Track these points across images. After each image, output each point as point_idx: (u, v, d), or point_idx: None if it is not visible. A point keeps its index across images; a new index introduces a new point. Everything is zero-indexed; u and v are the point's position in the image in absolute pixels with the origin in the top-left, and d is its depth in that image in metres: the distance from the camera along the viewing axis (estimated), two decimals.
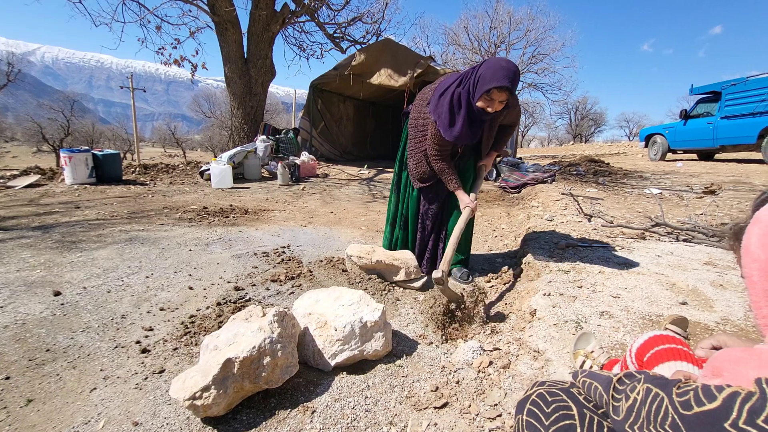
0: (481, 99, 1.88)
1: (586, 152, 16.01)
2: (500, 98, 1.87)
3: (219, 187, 5.81)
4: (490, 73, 1.82)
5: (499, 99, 1.87)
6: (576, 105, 37.47)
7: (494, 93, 1.84)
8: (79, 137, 21.89)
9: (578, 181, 6.01)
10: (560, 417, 0.66)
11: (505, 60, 1.86)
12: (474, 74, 1.91)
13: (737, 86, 8.24)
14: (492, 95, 1.85)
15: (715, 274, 2.14)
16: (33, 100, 25.37)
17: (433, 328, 1.84)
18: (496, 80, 1.78)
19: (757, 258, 0.59)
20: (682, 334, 1.41)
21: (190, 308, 1.95)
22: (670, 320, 1.50)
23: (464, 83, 1.96)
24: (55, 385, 1.38)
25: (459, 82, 1.99)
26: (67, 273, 2.30)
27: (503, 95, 1.86)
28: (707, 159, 9.93)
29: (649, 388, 0.56)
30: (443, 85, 2.09)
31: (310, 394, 1.35)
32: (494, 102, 1.88)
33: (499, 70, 1.80)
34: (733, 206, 3.96)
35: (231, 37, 7.98)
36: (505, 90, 1.82)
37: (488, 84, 1.80)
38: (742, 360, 0.55)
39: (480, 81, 1.85)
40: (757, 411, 0.43)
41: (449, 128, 2.01)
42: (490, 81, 1.80)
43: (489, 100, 1.88)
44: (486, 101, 1.88)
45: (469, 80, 1.93)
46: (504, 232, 3.82)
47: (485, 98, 1.87)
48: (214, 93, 35.26)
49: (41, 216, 3.65)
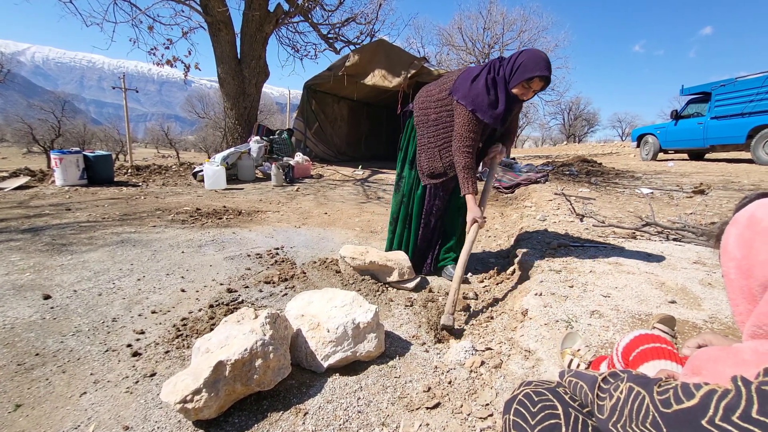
0: (519, 86, 1.93)
1: (579, 152, 16.14)
2: (537, 87, 1.94)
3: (212, 188, 5.78)
4: (533, 62, 1.87)
5: (535, 88, 1.94)
6: (569, 105, 37.79)
7: (534, 82, 1.91)
8: (71, 138, 21.64)
9: (571, 181, 6.06)
10: (546, 416, 0.67)
11: (543, 52, 1.92)
12: (511, 62, 1.95)
13: (726, 87, 8.36)
14: (532, 84, 1.92)
15: (703, 272, 2.17)
16: (23, 101, 25.04)
17: (426, 328, 1.85)
18: (539, 69, 1.85)
19: (734, 257, 0.60)
20: (669, 333, 1.43)
21: (182, 311, 1.94)
22: (658, 319, 1.52)
23: (496, 70, 2.00)
24: (45, 389, 1.36)
25: (489, 70, 2.02)
26: (58, 276, 2.28)
27: (540, 84, 1.93)
28: (698, 159, 10.06)
29: (631, 387, 0.57)
30: (469, 74, 2.09)
31: (302, 395, 1.35)
32: (530, 91, 1.95)
33: (541, 61, 1.87)
34: (722, 206, 4.02)
35: (224, 38, 7.95)
36: (545, 79, 1.90)
37: (531, 72, 1.86)
38: (720, 359, 0.57)
39: (520, 68, 1.90)
40: (732, 408, 0.44)
41: (490, 109, 2.01)
42: (533, 69, 1.86)
43: (526, 88, 1.94)
44: (523, 89, 1.94)
45: (504, 68, 1.97)
46: (497, 232, 3.84)
47: (524, 85, 1.93)
48: (207, 93, 35.07)
49: (31, 218, 3.61)
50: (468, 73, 2.11)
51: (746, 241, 0.59)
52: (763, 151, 7.64)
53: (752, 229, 0.58)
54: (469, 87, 2.05)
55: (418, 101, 2.39)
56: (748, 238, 0.58)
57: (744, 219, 0.60)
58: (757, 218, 0.58)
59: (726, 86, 8.36)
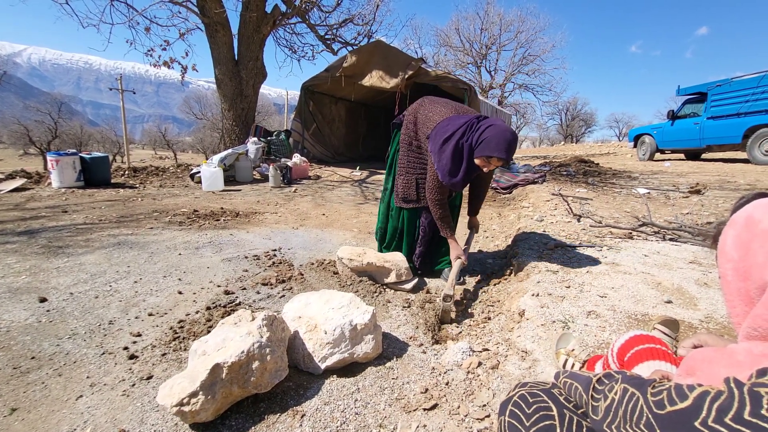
0: (480, 158, 2.05)
1: (576, 152, 16.19)
2: (496, 164, 2.07)
3: (210, 189, 5.77)
4: (495, 142, 1.98)
5: (495, 165, 2.07)
6: (566, 106, 37.90)
7: (494, 160, 2.03)
8: (67, 140, 21.52)
9: (568, 182, 6.08)
10: (541, 418, 0.68)
11: (510, 131, 2.02)
12: (479, 132, 2.04)
13: (722, 87, 8.40)
14: (491, 161, 2.04)
15: (699, 272, 2.18)
16: (19, 102, 24.89)
17: (424, 330, 1.85)
18: (498, 151, 1.97)
19: (731, 258, 0.60)
20: (670, 335, 1.42)
21: (179, 313, 1.93)
22: (660, 320, 1.51)
23: (467, 135, 2.09)
24: (41, 393, 1.36)
25: (463, 133, 2.10)
26: (54, 279, 2.27)
27: (500, 163, 2.06)
28: (694, 159, 10.11)
29: (625, 388, 0.57)
30: (447, 130, 2.14)
31: (299, 397, 1.35)
32: (490, 165, 2.08)
33: (503, 142, 1.97)
34: (718, 205, 4.04)
35: (221, 39, 7.94)
36: (503, 160, 2.03)
37: (491, 152, 1.98)
38: (714, 360, 0.57)
39: (484, 144, 2.00)
40: (725, 410, 0.44)
41: (449, 176, 2.14)
42: (493, 150, 1.98)
43: (487, 162, 2.06)
44: (483, 162, 2.06)
45: (473, 135, 2.07)
46: (495, 232, 3.84)
47: (484, 159, 2.04)
48: (205, 94, 34.95)
49: (27, 221, 3.60)
50: (446, 128, 2.15)
51: (744, 243, 0.59)
52: (759, 150, 7.68)
53: (750, 230, 0.58)
54: (440, 148, 2.14)
55: (407, 119, 2.40)
56: (746, 240, 0.58)
57: (741, 220, 0.60)
58: (755, 219, 0.58)
59: (722, 86, 8.41)
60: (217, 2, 7.61)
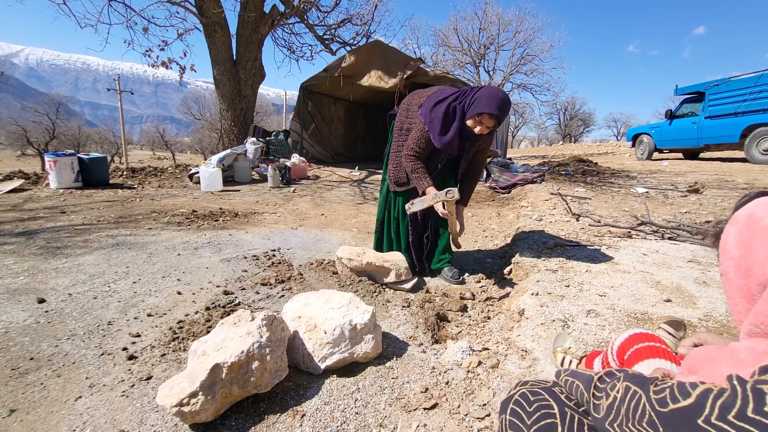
0: (471, 118, 2.02)
1: (575, 152, 16.21)
2: (488, 123, 2.03)
3: (208, 190, 5.76)
4: (485, 99, 1.96)
5: (487, 124, 2.03)
6: (565, 105, 38.00)
7: (485, 118, 2.00)
8: (65, 140, 21.47)
9: (567, 181, 6.08)
10: (542, 416, 0.67)
11: (502, 92, 2.01)
12: (472, 94, 2.04)
13: (720, 86, 8.43)
14: (483, 119, 2.01)
15: (698, 271, 2.19)
16: (17, 103, 24.82)
17: (424, 329, 1.85)
18: (489, 107, 1.95)
19: (733, 256, 0.60)
20: (675, 335, 1.42)
21: (178, 313, 1.93)
22: (666, 320, 1.50)
23: (461, 99, 2.08)
24: (39, 394, 1.35)
25: (456, 97, 2.10)
26: (52, 279, 2.26)
27: (491, 122, 2.02)
28: (692, 158, 10.14)
29: (627, 386, 0.57)
30: (440, 95, 2.16)
31: (299, 397, 1.35)
32: (482, 126, 2.04)
33: (495, 99, 1.96)
34: (716, 204, 4.05)
35: (219, 39, 7.93)
36: (494, 118, 1.99)
37: (482, 108, 1.96)
38: (716, 358, 0.57)
39: (476, 102, 2.00)
40: (728, 407, 0.44)
41: (440, 135, 2.12)
42: (484, 106, 1.96)
43: (478, 122, 2.03)
44: (475, 122, 2.04)
45: (465, 98, 2.06)
46: (494, 232, 3.84)
47: (475, 119, 2.02)
48: (203, 95, 34.91)
49: (25, 221, 3.58)
50: (439, 94, 2.18)
51: (745, 240, 0.59)
52: (757, 149, 7.71)
53: (752, 228, 0.58)
54: (432, 108, 2.13)
55: (401, 107, 2.44)
56: (748, 237, 0.59)
57: (743, 218, 0.61)
58: (756, 217, 0.58)
59: (720, 86, 8.43)
60: (215, 2, 7.60)
